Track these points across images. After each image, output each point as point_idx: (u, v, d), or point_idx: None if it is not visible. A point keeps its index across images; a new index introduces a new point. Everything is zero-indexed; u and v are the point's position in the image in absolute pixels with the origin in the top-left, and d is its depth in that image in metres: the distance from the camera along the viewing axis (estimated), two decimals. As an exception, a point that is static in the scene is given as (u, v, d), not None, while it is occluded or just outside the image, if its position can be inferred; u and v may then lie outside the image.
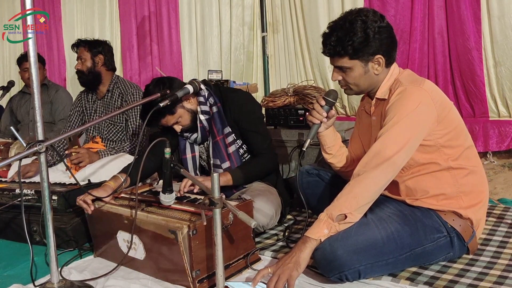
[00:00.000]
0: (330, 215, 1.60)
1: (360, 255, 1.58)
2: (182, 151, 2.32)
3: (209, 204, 1.45)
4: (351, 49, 1.67)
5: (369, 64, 1.72)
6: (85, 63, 2.88)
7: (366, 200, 1.62)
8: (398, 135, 1.62)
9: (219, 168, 2.20)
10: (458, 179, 1.73)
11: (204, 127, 2.22)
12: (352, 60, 1.71)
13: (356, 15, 1.69)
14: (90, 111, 2.98)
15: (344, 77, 1.77)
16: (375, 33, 1.67)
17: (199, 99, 2.21)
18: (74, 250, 2.07)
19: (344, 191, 1.64)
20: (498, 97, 3.41)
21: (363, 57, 1.70)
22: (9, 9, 5.69)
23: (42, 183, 1.57)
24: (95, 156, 2.64)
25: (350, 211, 1.60)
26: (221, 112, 2.23)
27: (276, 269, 1.56)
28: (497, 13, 3.31)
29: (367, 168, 1.62)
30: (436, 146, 1.69)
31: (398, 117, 1.63)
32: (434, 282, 1.62)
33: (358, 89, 1.79)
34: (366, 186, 1.62)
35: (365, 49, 1.68)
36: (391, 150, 1.61)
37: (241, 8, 4.46)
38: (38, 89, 1.55)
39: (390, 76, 1.77)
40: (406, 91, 1.66)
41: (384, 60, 1.72)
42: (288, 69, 4.40)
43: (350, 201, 1.61)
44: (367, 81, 1.76)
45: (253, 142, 2.23)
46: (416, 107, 1.62)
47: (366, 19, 1.67)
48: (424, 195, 1.74)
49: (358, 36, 1.66)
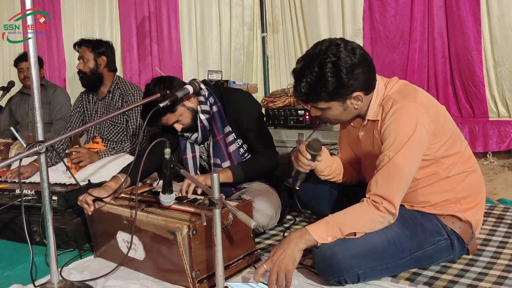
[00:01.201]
0: (342, 229, 1.58)
1: (359, 259, 1.57)
2: (182, 151, 2.32)
3: (209, 204, 1.45)
4: (326, 95, 1.59)
5: (347, 101, 1.64)
6: (88, 63, 2.87)
7: (381, 226, 1.62)
8: (405, 158, 1.58)
9: (219, 167, 2.21)
10: (456, 185, 1.72)
11: (204, 126, 2.23)
12: (328, 102, 1.63)
13: (324, 56, 1.56)
14: (91, 112, 2.98)
15: (323, 114, 1.70)
16: (348, 74, 1.55)
17: (199, 99, 2.21)
18: (74, 251, 2.07)
19: (362, 210, 1.61)
20: (498, 97, 3.40)
21: (340, 99, 1.62)
22: (9, 9, 5.69)
23: (42, 184, 1.57)
24: (95, 156, 2.64)
25: (363, 231, 1.60)
26: (221, 111, 2.23)
27: (271, 265, 1.56)
28: (497, 13, 3.30)
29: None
30: (434, 159, 1.67)
31: (400, 140, 1.57)
32: (434, 283, 1.62)
33: (341, 121, 1.78)
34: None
35: (340, 92, 1.59)
36: (404, 173, 1.59)
37: (241, 9, 4.46)
38: (38, 89, 1.55)
39: (376, 96, 1.68)
40: (402, 109, 1.59)
41: (363, 94, 1.64)
42: (288, 70, 4.39)
43: (364, 222, 1.60)
44: (349, 115, 1.70)
45: (253, 141, 2.23)
46: (415, 127, 1.57)
47: (337, 60, 1.55)
48: (426, 205, 1.74)
49: (331, 83, 1.55)
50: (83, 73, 2.88)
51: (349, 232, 1.58)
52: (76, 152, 2.59)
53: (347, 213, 1.61)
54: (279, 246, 1.60)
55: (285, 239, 1.61)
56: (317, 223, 1.62)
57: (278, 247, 1.59)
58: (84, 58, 2.88)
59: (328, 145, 2.87)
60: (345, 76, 1.55)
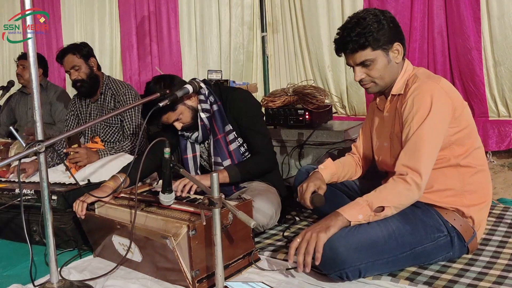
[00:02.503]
0: (370, 204, 1.62)
1: (361, 253, 1.58)
2: (183, 151, 2.32)
3: (208, 204, 1.45)
4: (372, 39, 1.70)
5: (390, 53, 1.75)
6: (81, 70, 2.76)
7: (409, 200, 1.66)
8: (429, 132, 1.65)
9: (220, 166, 2.21)
10: (465, 177, 1.74)
11: (205, 125, 2.23)
12: (375, 51, 1.73)
13: (364, 12, 1.75)
14: (84, 115, 2.94)
15: (368, 73, 1.77)
16: (388, 23, 1.72)
17: (199, 98, 2.21)
18: (74, 250, 2.07)
19: (388, 185, 1.66)
20: (497, 97, 3.41)
21: (384, 46, 1.73)
22: (9, 9, 5.69)
23: (41, 183, 1.57)
24: (94, 156, 2.63)
25: (391, 205, 1.63)
26: (221, 110, 2.23)
27: (304, 234, 1.60)
28: (497, 13, 3.31)
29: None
30: (448, 143, 1.71)
31: (422, 114, 1.66)
32: (434, 282, 1.62)
33: (383, 82, 1.80)
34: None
35: (384, 38, 1.72)
36: (429, 145, 1.64)
37: (240, 8, 4.46)
38: (37, 89, 1.55)
39: (404, 72, 1.80)
40: (422, 86, 1.69)
41: (402, 48, 1.76)
42: (287, 69, 4.40)
43: (393, 196, 1.64)
44: (390, 72, 1.78)
45: (251, 140, 2.23)
46: (436, 103, 1.65)
47: (375, 12, 1.74)
48: (428, 189, 1.74)
49: (375, 27, 1.70)
50: (80, 81, 2.77)
51: (378, 205, 1.62)
52: (75, 152, 2.59)
53: (376, 191, 1.66)
54: (314, 224, 1.64)
55: (316, 223, 1.65)
56: (348, 205, 1.66)
57: (314, 224, 1.64)
58: (75, 66, 2.75)
59: (329, 145, 2.87)
60: (386, 24, 1.72)
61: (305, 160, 2.94)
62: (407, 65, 1.82)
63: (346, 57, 1.79)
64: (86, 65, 2.79)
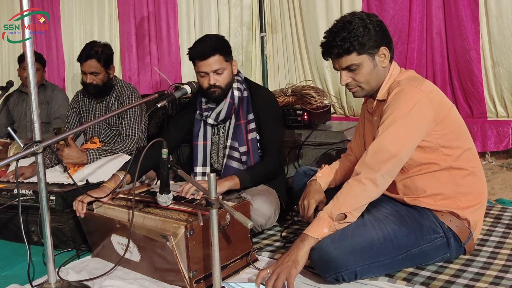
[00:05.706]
0: (330, 215, 1.61)
1: (356, 256, 1.58)
2: (194, 136, 2.30)
3: (205, 204, 1.45)
4: (358, 44, 1.69)
5: (376, 58, 1.74)
6: (99, 77, 2.75)
7: (366, 200, 1.64)
8: (395, 135, 1.64)
9: (235, 151, 2.20)
10: (457, 180, 1.73)
11: (233, 103, 2.21)
12: (360, 56, 1.72)
13: (351, 16, 1.74)
14: (87, 114, 2.93)
15: (353, 77, 1.76)
16: (375, 27, 1.71)
17: (236, 78, 2.23)
18: (72, 251, 2.07)
19: (343, 189, 1.65)
20: (496, 97, 3.41)
21: (370, 51, 1.72)
22: (9, 9, 5.69)
23: (39, 184, 1.57)
24: (82, 156, 2.58)
25: (350, 210, 1.61)
26: (249, 99, 2.25)
27: (274, 268, 1.57)
28: (495, 13, 3.31)
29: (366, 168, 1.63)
30: (435, 146, 1.70)
31: (393, 117, 1.64)
32: (431, 283, 1.62)
33: (369, 87, 1.79)
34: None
35: (369, 42, 1.71)
36: (393, 148, 1.63)
37: (239, 8, 4.46)
38: (35, 90, 1.55)
39: (389, 77, 1.79)
40: (402, 91, 1.68)
41: (389, 52, 1.75)
42: (286, 69, 4.40)
43: (349, 201, 1.62)
44: (377, 76, 1.77)
45: (266, 140, 2.23)
46: (411, 108, 1.64)
47: (362, 16, 1.73)
48: (422, 194, 1.74)
49: (361, 31, 1.69)
50: (94, 86, 2.77)
51: (337, 214, 1.61)
52: (61, 152, 2.57)
53: (333, 199, 1.65)
54: (285, 253, 1.62)
55: (289, 247, 1.64)
56: (312, 222, 1.65)
57: (284, 254, 1.62)
58: (95, 72, 2.74)
59: (328, 145, 2.88)
60: (372, 28, 1.71)
61: (304, 161, 2.94)
62: (393, 69, 1.80)
63: (333, 61, 1.78)
64: (105, 73, 2.79)
